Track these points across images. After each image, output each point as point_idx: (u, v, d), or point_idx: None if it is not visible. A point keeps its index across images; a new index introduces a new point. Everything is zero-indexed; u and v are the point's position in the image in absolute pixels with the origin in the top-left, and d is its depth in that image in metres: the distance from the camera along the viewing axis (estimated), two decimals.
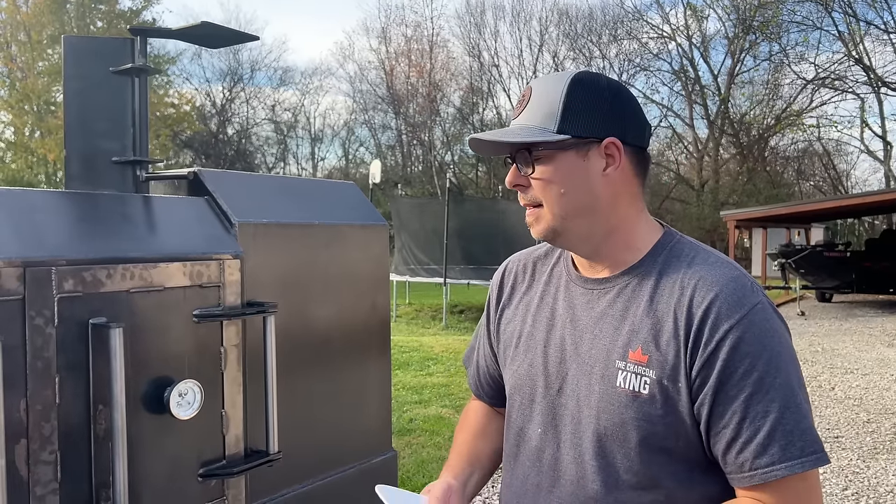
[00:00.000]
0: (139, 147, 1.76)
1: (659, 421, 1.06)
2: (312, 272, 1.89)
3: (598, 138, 1.12)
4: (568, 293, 1.22)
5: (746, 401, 1.03)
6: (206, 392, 1.53)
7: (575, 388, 1.14)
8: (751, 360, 1.03)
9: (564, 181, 1.12)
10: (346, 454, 1.99)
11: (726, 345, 1.04)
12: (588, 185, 1.13)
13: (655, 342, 1.08)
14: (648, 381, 1.07)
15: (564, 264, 1.26)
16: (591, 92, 1.13)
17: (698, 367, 1.05)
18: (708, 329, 1.05)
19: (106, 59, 1.73)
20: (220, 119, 35.44)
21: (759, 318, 1.06)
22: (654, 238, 1.18)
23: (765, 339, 1.05)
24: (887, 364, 8.77)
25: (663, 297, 1.10)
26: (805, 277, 15.40)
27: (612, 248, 1.17)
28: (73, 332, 1.34)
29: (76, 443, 1.35)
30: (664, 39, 32.37)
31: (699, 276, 1.09)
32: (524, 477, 1.21)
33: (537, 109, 1.14)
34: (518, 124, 1.15)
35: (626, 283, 1.15)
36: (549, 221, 1.15)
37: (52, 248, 1.34)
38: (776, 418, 1.02)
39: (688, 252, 1.15)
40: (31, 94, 24.58)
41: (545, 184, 1.13)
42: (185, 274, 1.53)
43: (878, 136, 29.37)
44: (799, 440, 1.02)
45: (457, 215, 14.20)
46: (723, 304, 1.06)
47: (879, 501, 4.43)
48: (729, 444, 1.04)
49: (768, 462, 1.02)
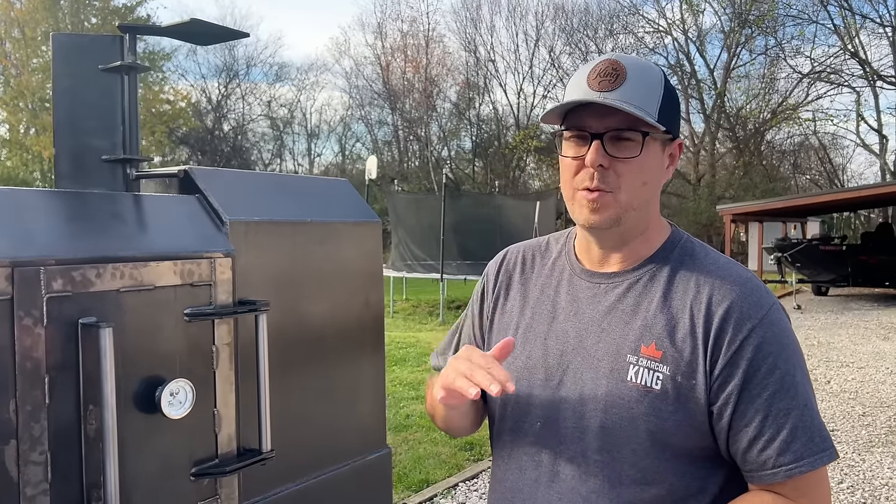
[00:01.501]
0: (129, 145, 1.75)
1: (669, 416, 1.07)
2: (305, 270, 1.88)
3: (674, 136, 1.13)
4: (571, 286, 1.20)
5: (769, 399, 1.05)
6: (197, 391, 1.53)
7: (578, 381, 1.13)
8: (773, 359, 1.05)
9: (648, 171, 1.11)
10: (340, 452, 1.99)
11: (751, 344, 1.05)
12: (658, 180, 1.14)
13: (671, 338, 1.08)
14: (661, 377, 1.07)
15: (567, 258, 1.24)
16: (674, 90, 1.13)
17: (721, 365, 1.06)
18: (732, 328, 1.06)
19: (95, 57, 1.72)
20: (216, 115, 35.33)
21: (776, 318, 1.09)
22: (664, 235, 1.19)
23: (783, 339, 1.07)
24: (883, 357, 8.79)
25: (678, 293, 1.11)
26: (801, 271, 15.42)
27: (637, 244, 1.16)
28: (63, 331, 1.33)
29: (66, 443, 1.34)
30: (660, 34, 32.35)
31: (715, 276, 1.11)
32: (520, 472, 1.19)
33: (638, 90, 1.07)
34: (616, 98, 1.05)
35: (636, 279, 1.15)
36: (617, 210, 1.10)
37: (41, 248, 1.33)
38: (797, 416, 1.05)
39: (699, 251, 1.17)
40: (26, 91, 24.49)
41: (635, 170, 1.08)
42: (176, 273, 1.52)
43: (873, 129, 29.44)
44: (817, 436, 1.05)
45: (453, 211, 14.20)
46: (744, 304, 1.07)
47: (875, 494, 4.45)
48: (751, 442, 1.05)
49: (792, 459, 1.04)
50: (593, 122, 1.08)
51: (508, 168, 33.82)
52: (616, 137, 1.08)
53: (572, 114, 1.11)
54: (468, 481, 4.57)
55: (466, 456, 5.01)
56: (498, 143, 34.16)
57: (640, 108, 1.06)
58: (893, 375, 7.75)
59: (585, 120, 1.09)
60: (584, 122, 1.09)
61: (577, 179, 1.11)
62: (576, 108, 1.10)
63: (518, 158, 33.25)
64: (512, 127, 33.91)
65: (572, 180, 1.12)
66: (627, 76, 1.07)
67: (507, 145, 32.71)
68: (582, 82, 1.09)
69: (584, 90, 1.08)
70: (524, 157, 33.11)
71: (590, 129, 1.08)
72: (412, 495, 4.33)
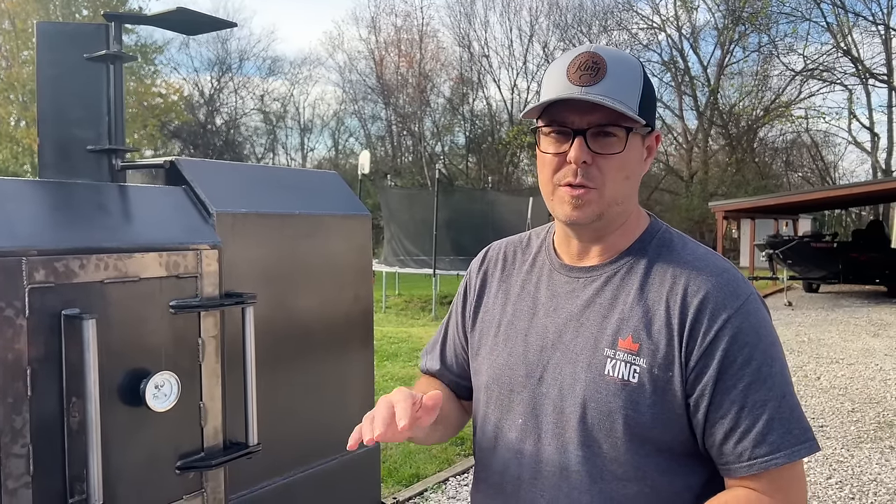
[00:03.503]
0: (115, 135, 1.73)
1: (647, 410, 1.06)
2: (293, 263, 1.87)
3: (652, 129, 1.13)
4: (551, 282, 1.20)
5: (745, 390, 1.03)
6: (183, 384, 1.51)
7: (557, 376, 1.12)
8: (749, 349, 1.04)
9: (630, 166, 1.10)
10: (327, 446, 1.98)
11: (726, 334, 1.04)
12: (639, 173, 1.14)
13: (647, 330, 1.07)
14: (638, 370, 1.06)
15: (546, 253, 1.24)
16: (650, 81, 1.12)
17: (696, 356, 1.05)
18: (707, 319, 1.05)
19: (80, 46, 1.70)
20: (209, 109, 35.17)
21: (753, 308, 1.07)
22: (642, 226, 1.18)
23: (760, 330, 1.06)
24: (872, 354, 8.84)
25: (654, 285, 1.10)
26: (792, 268, 15.48)
27: (616, 236, 1.16)
28: (45, 323, 1.31)
29: (49, 436, 1.33)
30: (654, 30, 32.38)
31: (692, 267, 1.10)
32: (503, 470, 1.18)
33: (621, 84, 1.05)
34: (598, 93, 1.03)
35: (614, 272, 1.14)
36: (600, 205, 1.09)
37: (23, 238, 1.31)
38: (774, 407, 1.03)
39: (677, 242, 1.15)
40: (16, 84, 24.27)
41: (618, 165, 1.07)
42: (162, 264, 1.51)
43: (865, 127, 29.56)
44: (796, 428, 1.04)
45: (446, 206, 14.18)
46: (719, 295, 1.06)
47: (863, 489, 4.47)
48: (727, 434, 1.04)
49: (768, 451, 1.03)
50: (575, 117, 1.06)
51: (502, 164, 33.80)
52: (599, 133, 1.06)
53: (552, 108, 1.09)
54: (459, 476, 4.57)
55: (457, 451, 5.01)
56: (491, 138, 34.14)
57: (623, 102, 1.04)
58: (882, 372, 7.80)
59: (567, 115, 1.07)
60: (565, 117, 1.07)
61: (559, 175, 1.09)
62: (556, 102, 1.07)
63: (511, 154, 33.24)
64: (506, 122, 33.90)
65: (553, 176, 1.10)
66: (608, 70, 1.05)
67: (500, 141, 32.68)
68: (561, 76, 1.07)
69: (564, 85, 1.06)
70: (518, 153, 33.09)
71: (572, 124, 1.06)
72: (403, 490, 4.33)
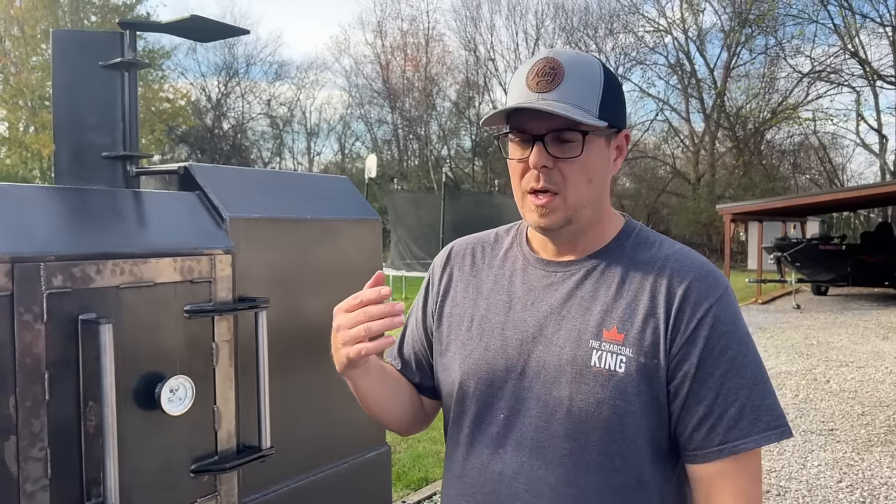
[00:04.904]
0: (129, 142, 1.75)
1: (634, 399, 1.07)
2: (305, 267, 1.88)
3: (619, 129, 1.14)
4: (526, 276, 1.20)
5: (721, 378, 1.08)
6: (197, 388, 1.53)
7: (540, 370, 1.12)
8: (727, 339, 1.09)
9: (593, 169, 1.11)
10: (339, 449, 1.99)
11: (707, 323, 1.08)
12: (606, 174, 1.15)
13: (632, 320, 1.10)
14: (625, 360, 1.08)
15: (520, 248, 1.24)
16: (615, 80, 1.13)
17: (679, 343, 1.08)
18: (690, 307, 1.09)
19: (95, 53, 1.72)
20: (216, 114, 35.31)
21: (730, 300, 1.12)
22: (617, 227, 1.21)
23: (736, 320, 1.11)
24: (882, 357, 8.80)
25: (636, 277, 1.13)
26: (801, 271, 15.41)
27: (590, 238, 1.18)
28: (63, 328, 1.33)
29: (66, 439, 1.34)
30: (660, 33, 32.35)
31: (672, 259, 1.14)
32: (482, 466, 1.16)
33: (577, 89, 1.07)
34: (554, 99, 1.06)
35: (593, 266, 1.16)
36: (565, 211, 1.11)
37: (41, 244, 1.33)
38: (746, 394, 1.08)
39: (653, 239, 1.20)
40: (25, 90, 24.46)
41: (579, 169, 1.09)
42: (176, 269, 1.52)
43: (873, 129, 29.42)
44: (766, 415, 1.08)
45: (453, 210, 14.21)
46: (701, 285, 1.11)
47: (874, 493, 4.45)
48: (701, 419, 1.08)
49: (738, 435, 1.07)
50: (534, 123, 1.08)
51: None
52: (557, 138, 1.08)
53: (515, 115, 1.12)
54: None
55: None
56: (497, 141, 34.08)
57: (580, 106, 1.06)
58: (892, 375, 7.76)
59: (526, 122, 1.09)
60: (524, 124, 1.10)
61: (525, 181, 1.12)
62: (518, 108, 1.10)
63: None
64: None
65: (520, 182, 1.13)
66: (566, 74, 1.07)
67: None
68: (521, 83, 1.10)
69: (523, 92, 1.09)
70: None
71: (531, 130, 1.09)
72: (411, 493, 4.33)
